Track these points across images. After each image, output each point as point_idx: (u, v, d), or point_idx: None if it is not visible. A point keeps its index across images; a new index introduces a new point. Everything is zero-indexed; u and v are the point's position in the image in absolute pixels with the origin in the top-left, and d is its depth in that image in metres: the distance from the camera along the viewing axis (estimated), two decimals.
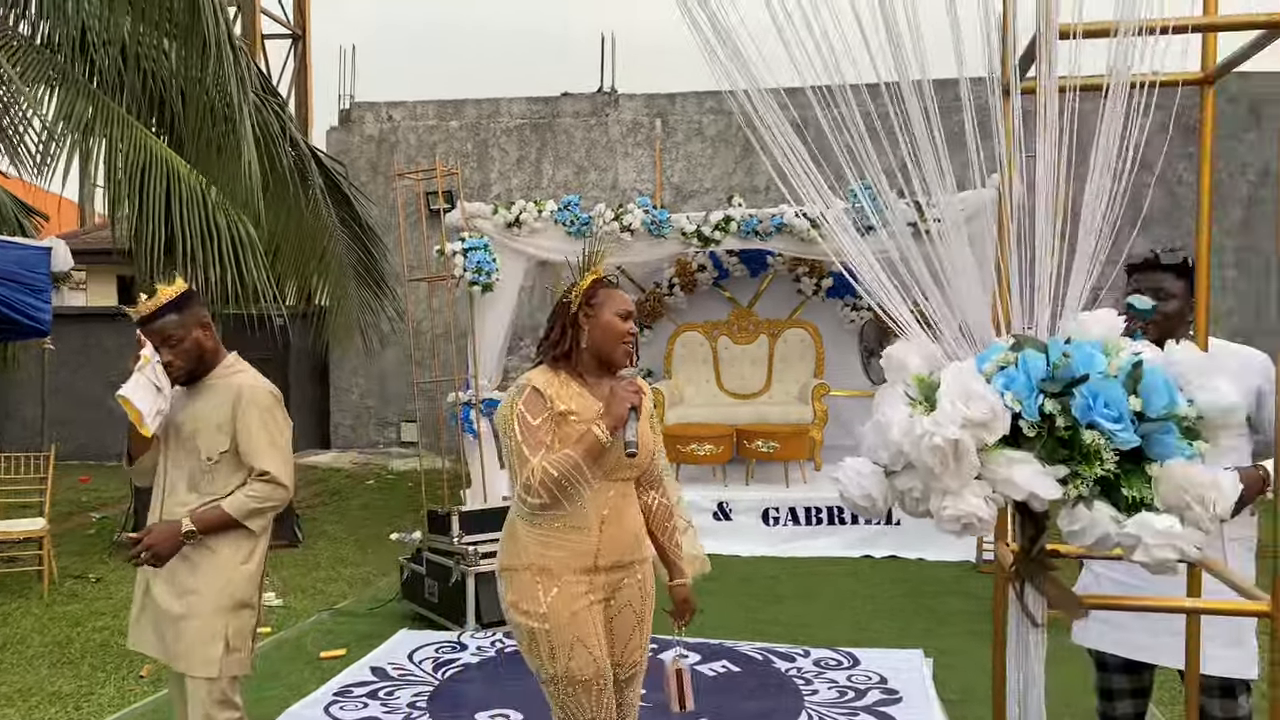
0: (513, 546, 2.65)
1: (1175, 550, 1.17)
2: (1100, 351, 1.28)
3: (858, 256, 1.43)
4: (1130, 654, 3.01)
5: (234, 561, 2.96)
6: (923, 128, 1.40)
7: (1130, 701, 3.13)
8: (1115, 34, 1.33)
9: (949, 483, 1.20)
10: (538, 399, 2.58)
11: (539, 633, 2.56)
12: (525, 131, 11.68)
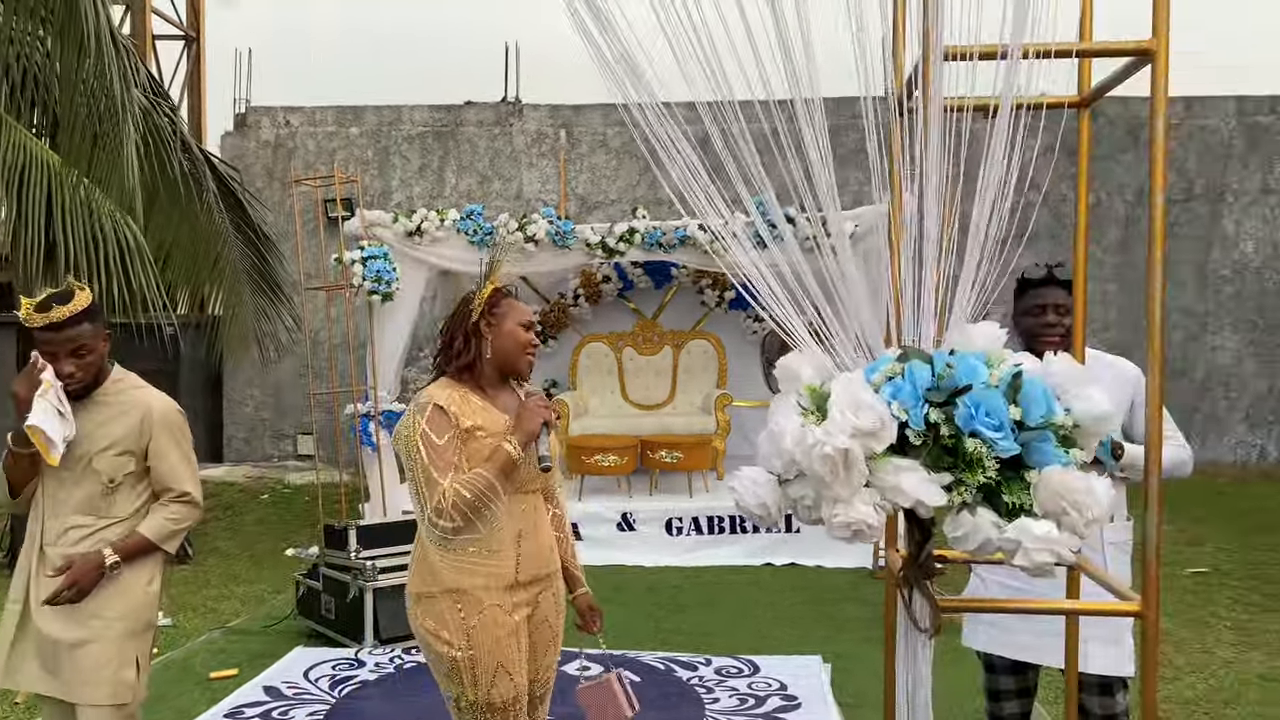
0: (426, 572, 2.56)
1: (1052, 554, 1.22)
2: (983, 363, 1.32)
3: (751, 269, 1.45)
4: (1016, 655, 3.11)
5: (140, 584, 2.83)
6: (814, 145, 1.43)
7: (1017, 701, 3.23)
8: (999, 58, 1.39)
9: (839, 491, 1.22)
10: (441, 417, 2.49)
11: (461, 661, 2.50)
12: (428, 139, 11.55)
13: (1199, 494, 9.70)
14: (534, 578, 2.64)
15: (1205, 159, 11.05)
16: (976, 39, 1.54)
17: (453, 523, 2.42)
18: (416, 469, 2.47)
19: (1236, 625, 5.84)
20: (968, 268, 1.39)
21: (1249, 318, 11.08)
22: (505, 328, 2.63)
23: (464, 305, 2.70)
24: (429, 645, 2.55)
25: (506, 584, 2.55)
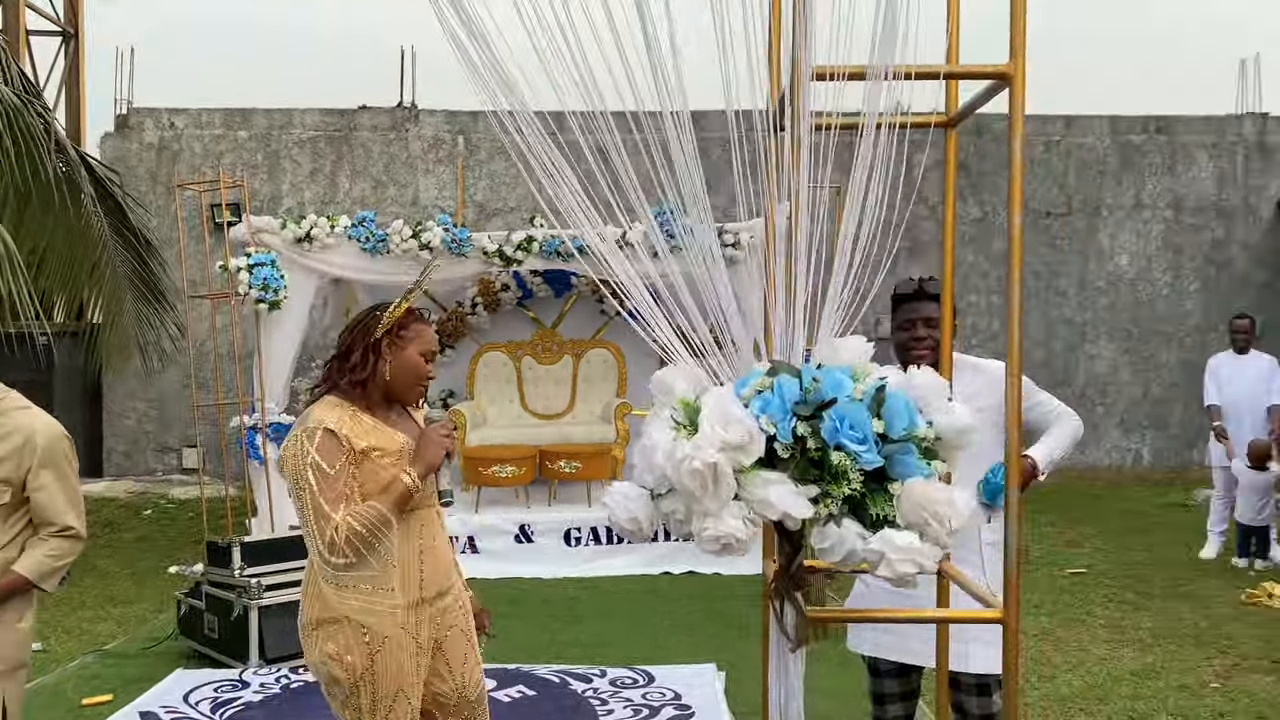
0: (323, 599, 2.47)
1: (915, 564, 1.24)
2: (849, 376, 1.35)
3: (627, 281, 1.45)
4: (901, 658, 3.18)
5: (12, 621, 2.66)
6: (682, 158, 1.44)
7: (900, 704, 3.30)
8: (867, 78, 1.42)
9: (708, 504, 1.23)
10: (332, 442, 2.38)
11: (362, 687, 2.44)
12: (320, 144, 11.30)
13: (1078, 497, 10.11)
14: (439, 591, 2.59)
15: (1083, 175, 11.55)
16: (849, 59, 1.57)
17: (345, 559, 2.35)
18: (305, 499, 2.37)
19: (1110, 623, 6.09)
20: (835, 282, 1.41)
21: (1124, 327, 11.60)
22: (408, 352, 2.51)
23: (369, 318, 2.55)
24: (328, 670, 2.47)
25: (412, 603, 2.49)
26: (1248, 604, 6.41)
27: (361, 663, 2.43)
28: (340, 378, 2.52)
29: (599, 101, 1.44)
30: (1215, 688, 4.99)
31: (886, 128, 1.43)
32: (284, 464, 2.46)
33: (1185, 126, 11.60)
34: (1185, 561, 7.57)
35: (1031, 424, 3.23)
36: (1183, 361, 11.44)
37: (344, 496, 2.36)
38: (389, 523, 2.37)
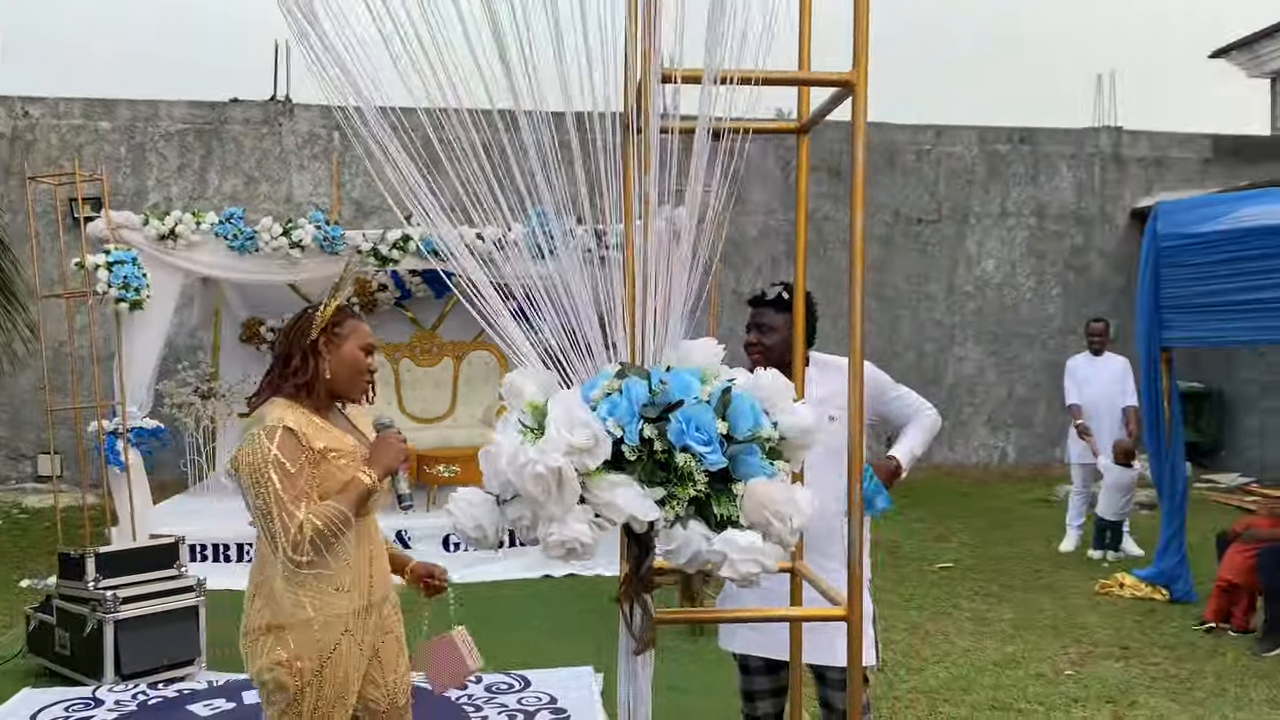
0: (276, 604, 2.45)
1: (757, 564, 1.26)
2: (697, 379, 1.35)
3: (481, 282, 1.43)
4: (772, 654, 3.22)
5: None
6: (537, 156, 1.42)
7: (771, 701, 3.35)
8: (714, 82, 1.43)
9: (553, 509, 1.22)
10: (292, 440, 2.38)
11: (307, 693, 2.44)
12: (188, 137, 10.87)
13: (946, 494, 10.47)
14: (384, 596, 2.68)
15: (952, 183, 11.97)
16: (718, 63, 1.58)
17: (308, 556, 2.36)
18: (268, 498, 2.35)
19: (975, 615, 6.32)
20: (679, 286, 1.41)
21: (990, 330, 12.07)
22: (346, 350, 2.53)
23: (302, 321, 2.57)
24: (275, 677, 2.46)
25: (361, 607, 2.54)
26: (1101, 594, 6.74)
27: (311, 668, 2.45)
28: (283, 383, 2.54)
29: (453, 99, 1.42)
30: (1070, 675, 5.22)
31: (735, 132, 1.44)
32: (239, 464, 2.43)
33: (1047, 138, 12.15)
34: (1046, 555, 7.91)
35: (892, 417, 3.35)
36: (1045, 363, 11.98)
37: (305, 495, 2.38)
38: (349, 521, 2.39)
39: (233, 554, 7.38)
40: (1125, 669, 5.30)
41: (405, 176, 1.43)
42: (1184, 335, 6.32)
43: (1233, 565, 5.91)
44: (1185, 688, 5.03)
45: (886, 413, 3.32)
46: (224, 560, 7.38)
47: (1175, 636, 5.84)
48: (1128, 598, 6.62)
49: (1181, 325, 6.25)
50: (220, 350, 9.50)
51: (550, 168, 1.44)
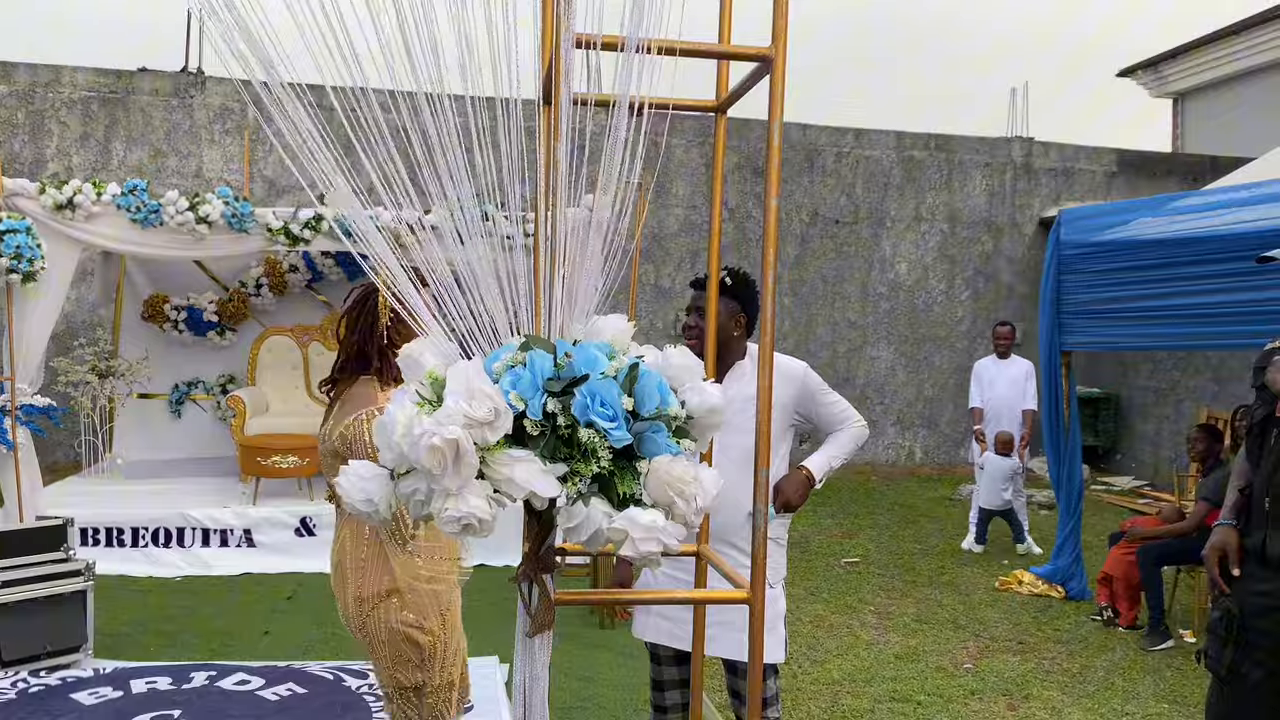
0: (392, 572, 2.66)
1: (659, 543, 1.23)
2: (605, 354, 1.32)
3: (387, 258, 1.37)
4: (682, 645, 3.22)
5: None
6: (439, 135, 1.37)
7: (679, 691, 3.34)
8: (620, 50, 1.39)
9: (448, 483, 1.17)
10: None
11: (437, 647, 2.70)
12: (92, 106, 10.44)
13: (857, 491, 10.65)
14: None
15: (870, 186, 12.16)
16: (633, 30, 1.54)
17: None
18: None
19: (880, 609, 6.43)
20: (592, 260, 1.38)
21: (901, 332, 12.30)
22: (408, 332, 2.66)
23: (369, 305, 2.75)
24: (406, 638, 2.65)
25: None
26: (1000, 590, 6.91)
27: (436, 625, 2.70)
28: (365, 368, 2.75)
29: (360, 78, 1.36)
30: (968, 668, 5.34)
31: (655, 107, 1.41)
32: (350, 438, 2.61)
33: (962, 145, 12.42)
34: (949, 551, 8.09)
35: (820, 422, 3.32)
36: (954, 365, 12.26)
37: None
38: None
39: (127, 538, 7.11)
40: (1021, 663, 5.44)
41: (315, 156, 1.37)
42: (1083, 340, 6.52)
43: (1116, 563, 6.13)
44: (1077, 681, 5.18)
45: (815, 416, 3.30)
46: (118, 545, 7.11)
47: (1069, 632, 6.02)
48: (1026, 594, 6.80)
49: (1081, 330, 6.44)
50: (121, 328, 9.16)
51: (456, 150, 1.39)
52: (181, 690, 4.35)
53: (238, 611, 6.06)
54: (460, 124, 1.38)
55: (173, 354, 9.21)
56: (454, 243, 1.37)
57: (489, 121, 1.37)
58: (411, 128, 1.37)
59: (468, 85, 1.38)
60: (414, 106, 1.37)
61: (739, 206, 11.70)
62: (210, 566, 7.04)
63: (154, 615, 5.92)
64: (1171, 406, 11.34)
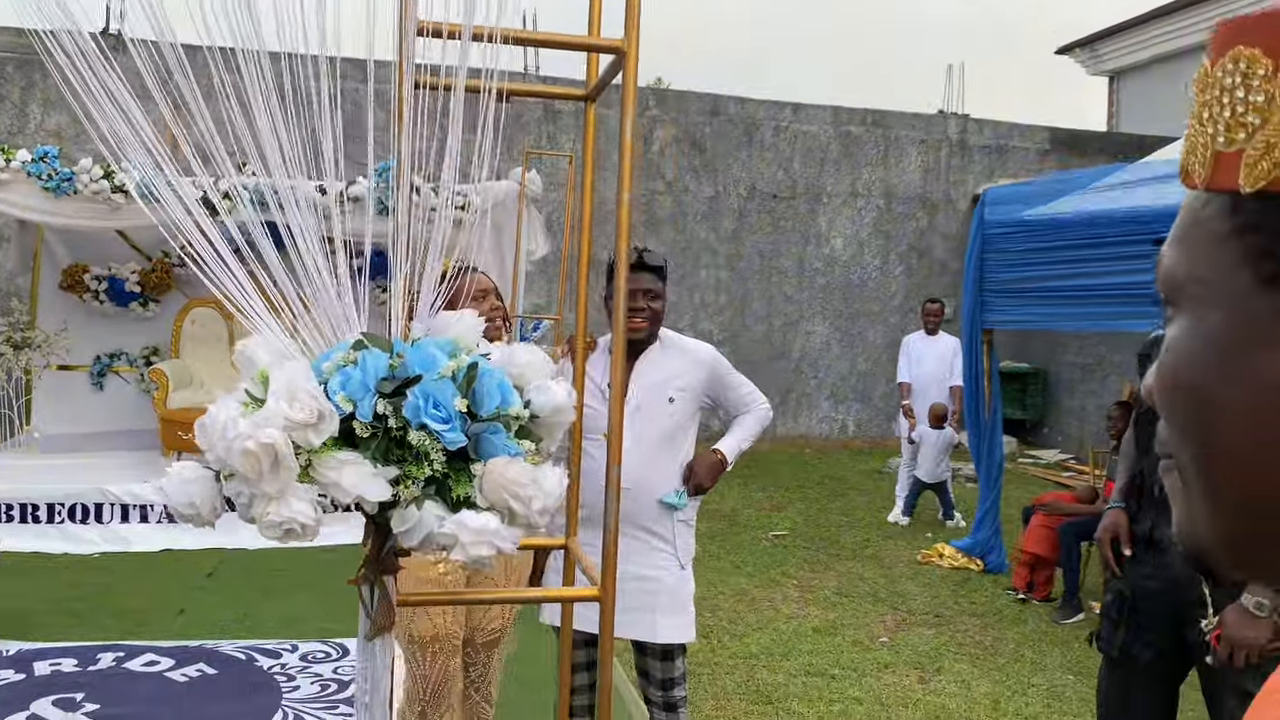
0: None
1: (491, 546, 1.21)
2: (445, 352, 1.29)
3: (201, 241, 1.33)
4: (592, 628, 3.22)
5: None
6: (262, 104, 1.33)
7: (586, 674, 3.35)
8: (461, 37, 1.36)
9: (266, 488, 1.14)
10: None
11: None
12: (7, 68, 10.07)
13: (789, 465, 10.75)
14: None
15: (807, 161, 12.19)
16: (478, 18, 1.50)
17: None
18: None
19: (802, 583, 6.51)
20: (432, 255, 1.35)
21: (836, 307, 12.40)
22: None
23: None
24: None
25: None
26: (923, 564, 7.03)
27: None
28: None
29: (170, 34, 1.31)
30: (884, 641, 5.44)
31: (492, 93, 1.37)
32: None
33: (898, 121, 12.49)
34: (875, 524, 8.21)
35: (727, 404, 3.35)
36: (887, 340, 12.39)
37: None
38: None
39: (42, 514, 6.95)
40: (936, 636, 5.55)
41: (117, 114, 1.31)
42: (1005, 318, 6.62)
43: (1035, 537, 6.26)
44: (989, 654, 5.30)
45: (723, 400, 3.34)
46: (32, 521, 6.95)
47: (985, 605, 6.15)
48: (946, 567, 6.93)
49: (1002, 308, 6.53)
50: (39, 298, 8.89)
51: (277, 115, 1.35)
52: (86, 672, 4.27)
53: (155, 589, 5.96)
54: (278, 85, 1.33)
55: (94, 325, 8.96)
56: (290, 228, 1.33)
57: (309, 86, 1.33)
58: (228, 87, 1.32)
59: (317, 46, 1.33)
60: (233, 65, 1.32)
61: (676, 180, 11.67)
62: (129, 543, 6.90)
63: (66, 594, 5.80)
64: (1098, 382, 11.59)
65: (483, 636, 3.06)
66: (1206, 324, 0.49)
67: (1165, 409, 0.52)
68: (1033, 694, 4.78)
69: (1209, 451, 0.49)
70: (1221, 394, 0.48)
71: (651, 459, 3.18)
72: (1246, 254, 0.47)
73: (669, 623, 3.25)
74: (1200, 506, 0.51)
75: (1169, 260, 0.52)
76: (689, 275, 11.76)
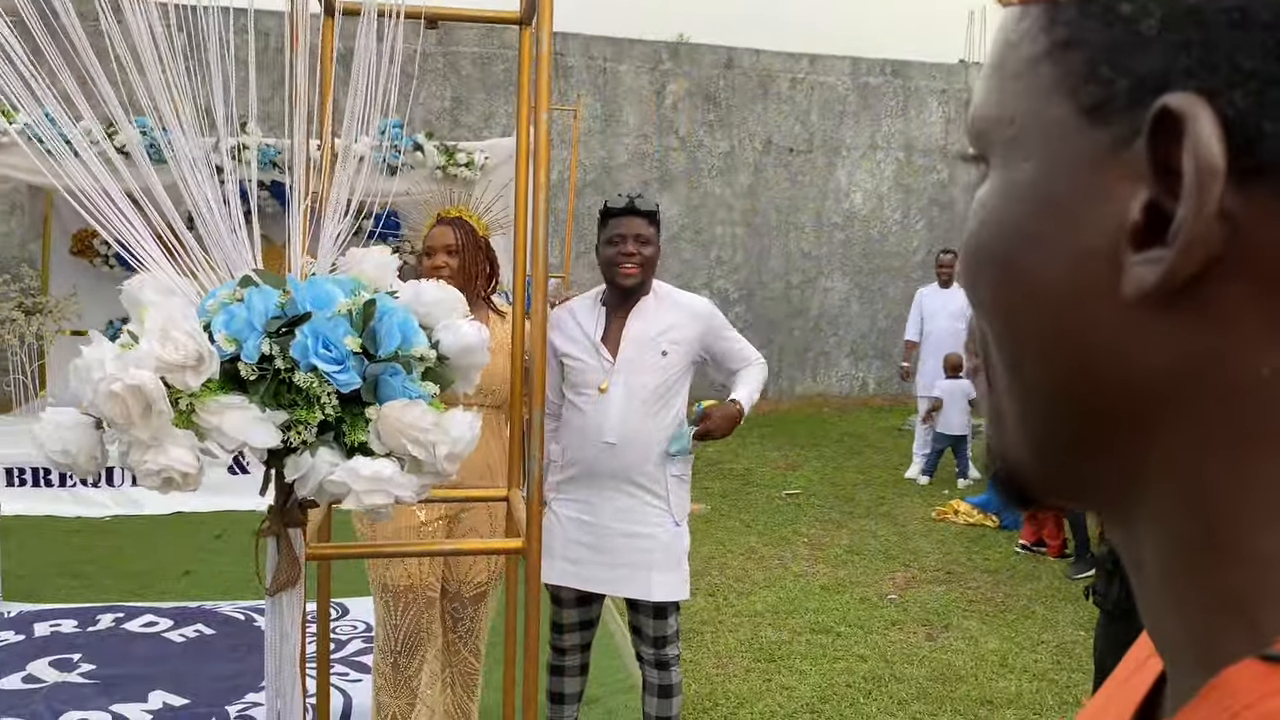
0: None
1: (387, 495, 1.13)
2: (347, 290, 1.21)
3: (93, 186, 1.25)
4: (590, 587, 3.17)
5: None
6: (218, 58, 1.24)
7: (579, 634, 3.31)
8: None
9: (139, 434, 1.07)
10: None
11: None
12: None
13: (806, 423, 10.65)
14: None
15: (825, 114, 11.95)
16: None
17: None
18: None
19: (813, 541, 6.43)
20: (337, 192, 1.26)
21: (856, 263, 12.21)
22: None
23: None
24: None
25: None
26: (937, 520, 6.93)
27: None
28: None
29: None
30: (893, 599, 5.35)
31: (391, 18, 1.28)
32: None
33: (918, 72, 12.21)
34: (891, 481, 8.11)
35: (723, 358, 3.26)
36: (907, 296, 12.13)
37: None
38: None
39: (54, 478, 6.99)
40: (946, 593, 5.46)
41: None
42: None
43: None
44: (999, 610, 5.21)
45: (718, 353, 3.24)
46: (45, 485, 6.99)
47: (998, 562, 6.05)
48: (961, 524, 6.83)
49: None
50: (50, 264, 8.91)
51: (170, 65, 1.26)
52: (85, 633, 4.28)
53: (162, 551, 5.98)
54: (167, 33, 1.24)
55: (104, 290, 8.95)
56: (181, 170, 1.25)
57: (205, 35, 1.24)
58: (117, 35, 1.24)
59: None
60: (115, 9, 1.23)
61: (690, 135, 11.49)
62: (141, 505, 6.93)
63: (75, 556, 5.83)
64: None
65: (469, 590, 3.03)
66: (1018, 176, 0.39)
67: (970, 291, 0.42)
68: (1041, 650, 4.69)
69: (1018, 339, 0.39)
70: (1033, 266, 0.38)
71: (642, 413, 3.10)
72: (1064, 79, 0.37)
73: (663, 580, 3.18)
74: (1009, 411, 0.41)
75: (977, 102, 0.42)
76: (704, 232, 11.61)
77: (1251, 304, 0.33)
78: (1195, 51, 0.33)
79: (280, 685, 1.34)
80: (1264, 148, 0.32)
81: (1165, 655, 0.41)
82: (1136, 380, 0.36)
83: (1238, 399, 0.34)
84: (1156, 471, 0.37)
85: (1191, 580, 0.37)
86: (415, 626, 2.78)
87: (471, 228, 2.97)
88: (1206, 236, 0.33)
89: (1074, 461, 0.39)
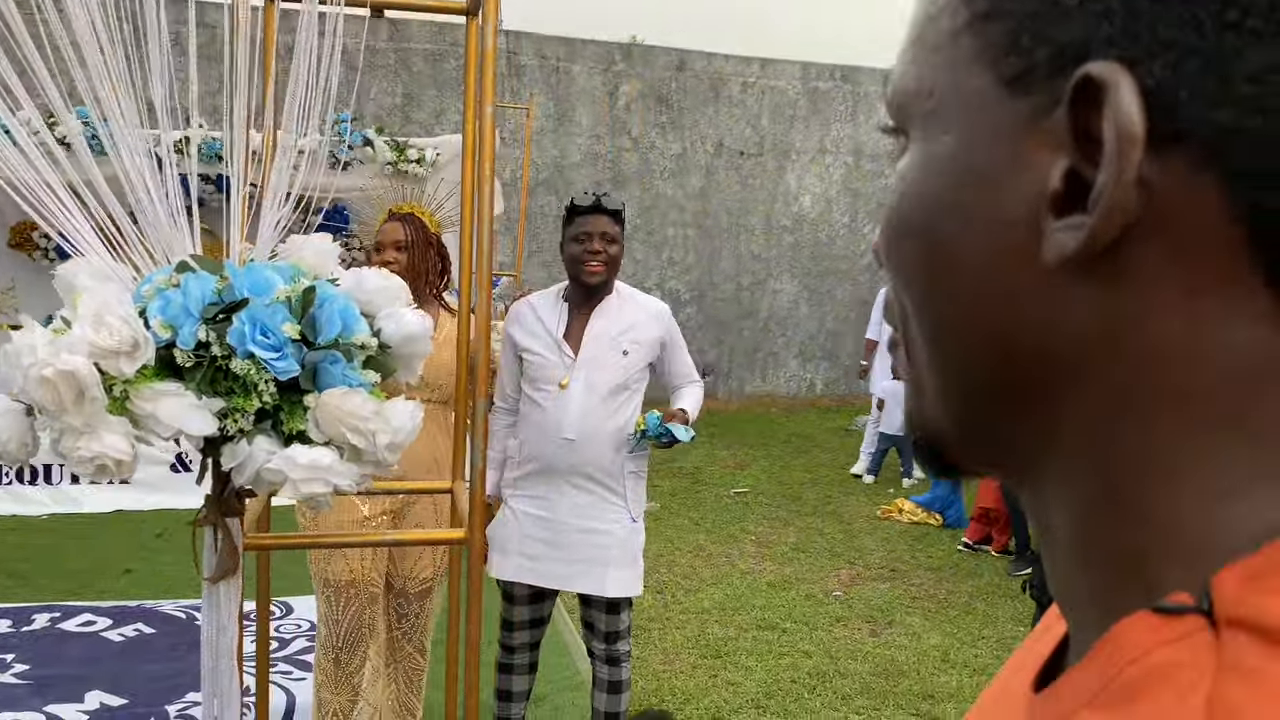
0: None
1: (325, 484, 1.13)
2: (286, 277, 1.20)
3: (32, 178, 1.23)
4: (545, 583, 3.16)
5: None
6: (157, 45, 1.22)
7: (529, 631, 3.30)
8: None
9: (72, 420, 1.05)
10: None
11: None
12: None
13: (754, 423, 10.72)
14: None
15: (775, 118, 12.04)
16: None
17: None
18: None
19: (760, 538, 6.48)
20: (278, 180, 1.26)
21: (805, 265, 12.32)
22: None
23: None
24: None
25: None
26: (882, 519, 7.02)
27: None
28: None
29: None
30: (838, 595, 5.42)
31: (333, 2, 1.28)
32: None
33: (868, 77, 12.35)
34: (838, 480, 8.20)
35: (668, 369, 3.27)
36: (855, 298, 12.33)
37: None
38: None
39: None
40: (890, 590, 5.53)
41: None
42: None
43: (985, 490, 6.25)
44: (941, 607, 5.29)
45: (668, 361, 3.24)
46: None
47: (941, 559, 6.15)
48: (906, 523, 6.92)
49: None
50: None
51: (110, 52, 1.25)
52: (19, 633, 4.19)
53: (102, 550, 5.87)
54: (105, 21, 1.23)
55: (43, 284, 8.75)
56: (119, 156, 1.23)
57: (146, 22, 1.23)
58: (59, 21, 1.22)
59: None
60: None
61: (642, 136, 11.52)
62: (80, 504, 6.79)
63: (10, 555, 5.69)
64: None
65: (414, 585, 3.03)
66: (937, 149, 0.39)
67: (890, 263, 0.43)
68: (982, 645, 4.77)
69: (938, 310, 0.40)
70: (953, 236, 0.39)
71: (602, 410, 3.11)
72: (984, 50, 0.37)
73: (618, 575, 3.18)
74: (929, 382, 0.42)
75: (896, 75, 0.43)
76: (656, 233, 11.64)
77: (1167, 267, 0.34)
78: (1117, 21, 0.34)
79: (217, 680, 1.33)
80: (1180, 115, 0.33)
81: (1070, 616, 0.42)
82: (1054, 346, 0.37)
83: (1150, 362, 0.35)
84: (1069, 435, 0.38)
85: (1096, 540, 0.37)
86: (357, 622, 2.77)
87: (423, 224, 2.96)
88: (1126, 202, 0.33)
89: (991, 427, 0.40)
